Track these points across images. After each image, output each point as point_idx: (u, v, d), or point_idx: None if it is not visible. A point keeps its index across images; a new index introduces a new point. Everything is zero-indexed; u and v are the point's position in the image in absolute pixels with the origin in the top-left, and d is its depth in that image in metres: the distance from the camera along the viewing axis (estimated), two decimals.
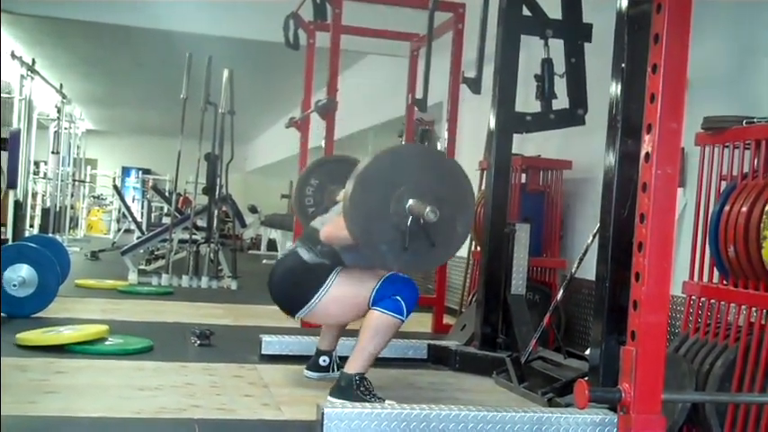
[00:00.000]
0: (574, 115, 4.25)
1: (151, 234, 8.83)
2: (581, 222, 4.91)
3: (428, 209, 2.86)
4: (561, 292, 3.90)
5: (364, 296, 3.16)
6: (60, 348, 3.94)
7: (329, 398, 3.13)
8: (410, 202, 2.93)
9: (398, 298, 3.14)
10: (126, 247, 8.14)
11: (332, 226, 3.20)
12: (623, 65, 2.99)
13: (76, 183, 14.87)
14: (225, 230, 9.24)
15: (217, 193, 8.04)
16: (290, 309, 3.33)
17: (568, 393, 3.18)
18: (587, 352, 3.40)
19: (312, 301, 3.20)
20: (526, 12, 4.20)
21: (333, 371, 3.58)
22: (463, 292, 5.85)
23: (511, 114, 4.21)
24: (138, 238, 9.78)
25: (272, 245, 13.70)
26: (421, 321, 5.90)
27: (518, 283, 4.23)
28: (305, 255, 3.26)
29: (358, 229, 2.95)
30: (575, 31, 4.21)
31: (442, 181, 3.04)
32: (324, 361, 3.66)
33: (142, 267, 8.12)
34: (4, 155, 6.97)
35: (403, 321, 3.17)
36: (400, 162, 3.03)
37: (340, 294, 3.20)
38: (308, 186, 4.07)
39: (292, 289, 3.28)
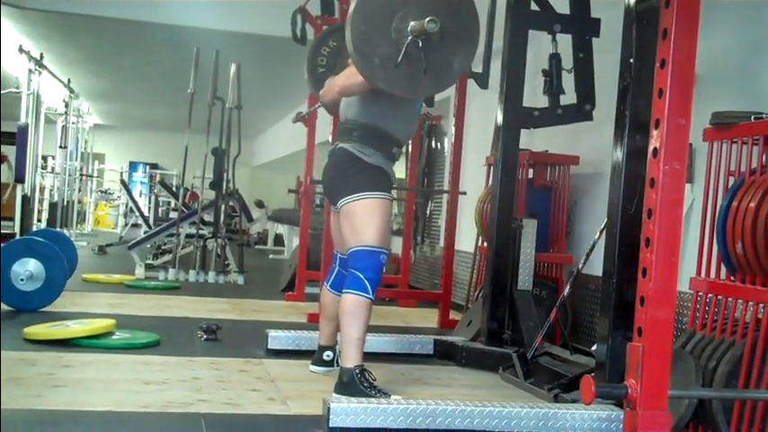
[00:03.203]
0: (581, 110, 4.24)
1: (158, 229, 8.85)
2: (588, 218, 4.90)
3: (428, 19, 2.83)
4: (568, 287, 3.89)
5: (355, 238, 3.25)
6: (68, 342, 3.96)
7: (334, 395, 3.13)
8: (413, 23, 2.91)
9: (363, 277, 3.21)
10: (133, 242, 8.17)
11: (345, 73, 3.28)
12: (631, 60, 2.98)
13: (84, 177, 14.90)
14: (232, 225, 9.25)
15: (224, 187, 8.05)
16: (335, 196, 3.40)
17: (575, 389, 3.18)
18: (594, 348, 3.39)
19: (352, 195, 3.27)
20: (534, 7, 4.19)
21: (337, 365, 3.58)
22: (470, 288, 5.85)
23: (518, 109, 4.20)
24: (145, 232, 9.82)
25: (278, 240, 13.71)
26: (427, 317, 5.91)
27: (525, 279, 4.23)
28: (349, 147, 3.33)
29: (357, 33, 2.92)
30: (583, 27, 4.20)
31: (452, 13, 3.00)
32: (327, 356, 3.68)
33: (149, 262, 8.14)
34: (12, 149, 7.00)
35: (371, 300, 3.24)
36: None
37: (357, 212, 3.26)
38: (325, 47, 3.88)
39: (342, 180, 3.35)
